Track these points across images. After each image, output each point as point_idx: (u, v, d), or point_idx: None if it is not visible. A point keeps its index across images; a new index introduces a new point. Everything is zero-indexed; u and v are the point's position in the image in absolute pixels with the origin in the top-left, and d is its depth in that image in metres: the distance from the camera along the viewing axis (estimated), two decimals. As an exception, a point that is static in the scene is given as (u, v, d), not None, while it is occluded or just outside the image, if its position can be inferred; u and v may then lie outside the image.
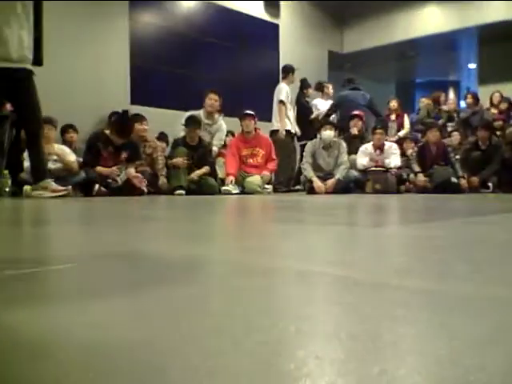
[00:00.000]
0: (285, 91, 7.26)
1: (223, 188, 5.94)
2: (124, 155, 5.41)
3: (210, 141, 6.42)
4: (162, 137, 6.75)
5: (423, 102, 8.80)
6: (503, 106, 8.23)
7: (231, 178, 6.07)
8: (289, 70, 7.54)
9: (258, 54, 9.44)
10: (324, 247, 1.35)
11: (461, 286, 0.78)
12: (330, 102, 8.25)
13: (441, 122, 8.25)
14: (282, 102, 7.19)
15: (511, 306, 0.66)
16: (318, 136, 6.76)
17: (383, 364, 0.44)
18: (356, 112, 7.38)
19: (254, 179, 6.16)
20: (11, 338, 0.52)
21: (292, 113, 7.56)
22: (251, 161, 6.42)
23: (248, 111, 6.43)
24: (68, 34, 6.69)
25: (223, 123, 6.65)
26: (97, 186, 5.11)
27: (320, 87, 8.51)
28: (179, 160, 5.77)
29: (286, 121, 7.26)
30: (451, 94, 12.22)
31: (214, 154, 6.40)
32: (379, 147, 6.74)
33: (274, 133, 7.27)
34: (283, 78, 7.58)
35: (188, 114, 6.37)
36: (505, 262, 1.06)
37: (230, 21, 8.87)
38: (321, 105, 8.25)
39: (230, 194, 5.80)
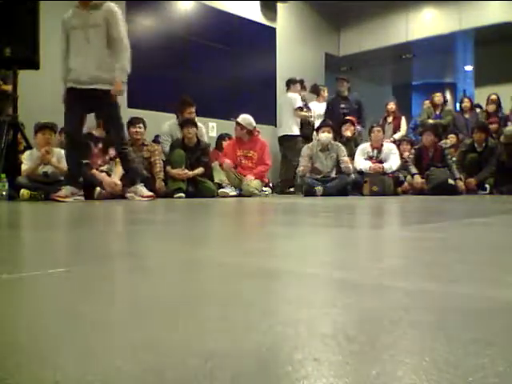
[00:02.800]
0: (299, 100, 7.77)
1: (220, 190, 5.93)
2: (112, 153, 5.38)
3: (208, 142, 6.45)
4: (157, 140, 6.74)
5: (426, 104, 8.82)
6: (491, 108, 8.24)
7: (229, 161, 6.17)
8: (292, 82, 7.95)
9: (255, 57, 9.44)
10: (322, 249, 1.35)
11: (459, 287, 0.79)
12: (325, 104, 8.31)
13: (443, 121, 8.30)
14: (299, 108, 7.68)
15: (509, 308, 0.66)
16: (316, 138, 6.77)
17: (381, 366, 0.44)
18: (348, 117, 7.50)
19: (252, 182, 6.17)
20: (10, 341, 0.52)
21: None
22: (245, 162, 6.43)
23: (243, 117, 6.44)
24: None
25: (200, 125, 6.60)
26: (98, 189, 5.11)
27: (316, 90, 8.55)
28: (180, 173, 5.77)
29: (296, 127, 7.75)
30: (448, 97, 12.27)
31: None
32: (377, 147, 6.75)
33: (292, 138, 7.66)
34: (288, 89, 7.94)
35: (166, 126, 6.41)
36: (503, 263, 1.06)
37: (227, 24, 8.88)
38: (316, 107, 8.30)
39: (228, 197, 5.80)
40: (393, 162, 6.63)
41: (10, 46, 4.80)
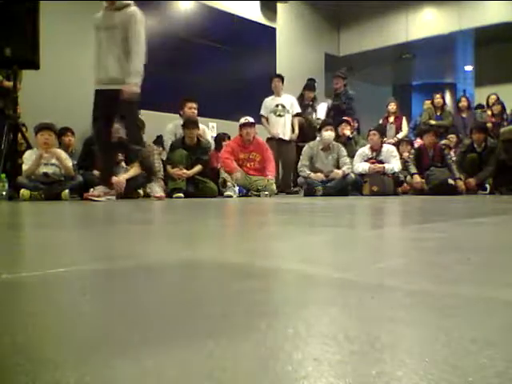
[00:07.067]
0: (263, 104, 7.53)
1: (225, 193, 5.91)
2: (120, 157, 5.40)
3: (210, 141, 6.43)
4: (159, 140, 6.73)
5: (427, 104, 8.81)
6: (496, 109, 8.25)
7: (238, 174, 6.06)
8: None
9: (255, 57, 9.44)
10: (322, 249, 1.34)
11: (458, 287, 0.79)
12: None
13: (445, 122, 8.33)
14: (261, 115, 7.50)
15: (509, 308, 0.66)
16: (318, 137, 6.76)
17: (381, 366, 0.44)
18: (345, 117, 7.50)
19: (266, 182, 6.20)
20: (10, 341, 0.52)
21: (279, 120, 7.52)
22: (248, 165, 6.40)
23: (248, 119, 6.40)
24: (64, 36, 6.68)
25: (205, 130, 6.59)
26: (91, 190, 5.10)
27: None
28: (178, 172, 5.76)
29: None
30: (447, 97, 12.27)
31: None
32: (376, 149, 6.76)
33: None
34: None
35: (170, 125, 6.40)
36: (502, 263, 1.06)
37: (227, 24, 8.88)
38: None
39: (230, 197, 5.79)
40: (395, 165, 6.63)
41: (10, 46, 4.80)
